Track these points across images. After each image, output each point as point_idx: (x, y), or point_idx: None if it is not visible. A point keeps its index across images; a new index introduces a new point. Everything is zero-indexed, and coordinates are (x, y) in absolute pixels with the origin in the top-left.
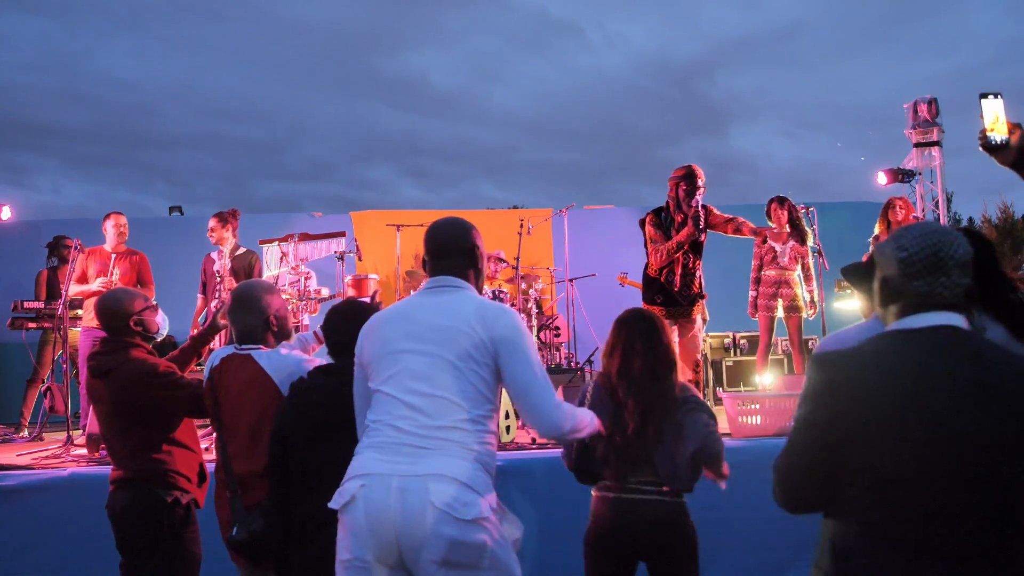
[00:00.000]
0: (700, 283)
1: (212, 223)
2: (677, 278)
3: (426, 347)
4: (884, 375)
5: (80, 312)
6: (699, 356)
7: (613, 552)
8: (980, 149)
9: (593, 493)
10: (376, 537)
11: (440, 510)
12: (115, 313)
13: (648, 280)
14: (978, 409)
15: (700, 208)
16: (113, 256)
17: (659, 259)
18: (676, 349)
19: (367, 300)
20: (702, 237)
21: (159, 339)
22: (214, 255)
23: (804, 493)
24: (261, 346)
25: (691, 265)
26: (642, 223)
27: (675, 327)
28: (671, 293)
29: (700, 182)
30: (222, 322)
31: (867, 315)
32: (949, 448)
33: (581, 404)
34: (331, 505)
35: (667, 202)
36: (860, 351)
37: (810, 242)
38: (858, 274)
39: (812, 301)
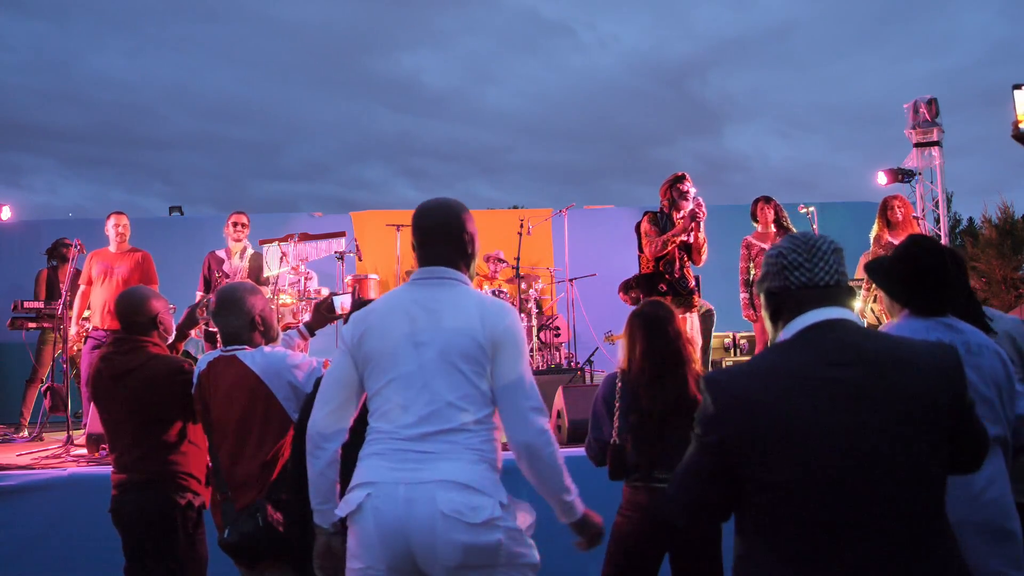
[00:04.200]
0: (690, 276)
1: (245, 219)
2: (676, 268)
3: (429, 349)
4: (769, 392)
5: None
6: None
7: (643, 544)
8: (1012, 138)
9: (625, 488)
10: (388, 548)
11: (450, 518)
12: (139, 309)
13: (648, 276)
14: (863, 412)
15: (696, 206)
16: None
17: (654, 249)
18: (688, 340)
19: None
20: (697, 235)
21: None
22: (221, 254)
23: (702, 512)
24: (246, 346)
25: (685, 260)
26: (637, 226)
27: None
28: (673, 282)
29: (689, 184)
30: (199, 315)
31: (892, 314)
32: (845, 457)
33: (608, 397)
34: (337, 512)
35: (661, 207)
36: (745, 371)
37: None
38: (881, 271)
39: None
